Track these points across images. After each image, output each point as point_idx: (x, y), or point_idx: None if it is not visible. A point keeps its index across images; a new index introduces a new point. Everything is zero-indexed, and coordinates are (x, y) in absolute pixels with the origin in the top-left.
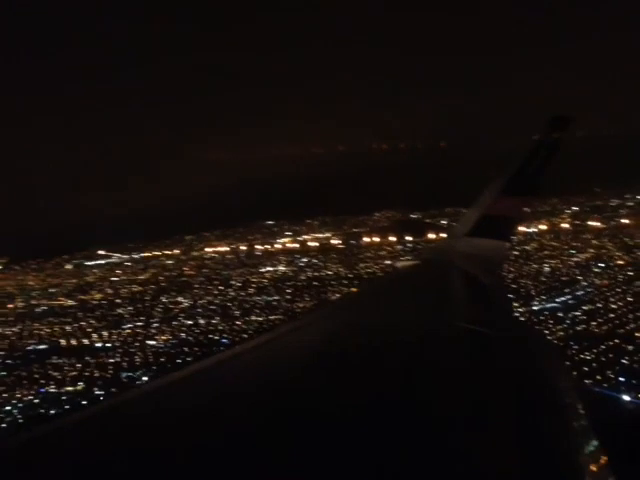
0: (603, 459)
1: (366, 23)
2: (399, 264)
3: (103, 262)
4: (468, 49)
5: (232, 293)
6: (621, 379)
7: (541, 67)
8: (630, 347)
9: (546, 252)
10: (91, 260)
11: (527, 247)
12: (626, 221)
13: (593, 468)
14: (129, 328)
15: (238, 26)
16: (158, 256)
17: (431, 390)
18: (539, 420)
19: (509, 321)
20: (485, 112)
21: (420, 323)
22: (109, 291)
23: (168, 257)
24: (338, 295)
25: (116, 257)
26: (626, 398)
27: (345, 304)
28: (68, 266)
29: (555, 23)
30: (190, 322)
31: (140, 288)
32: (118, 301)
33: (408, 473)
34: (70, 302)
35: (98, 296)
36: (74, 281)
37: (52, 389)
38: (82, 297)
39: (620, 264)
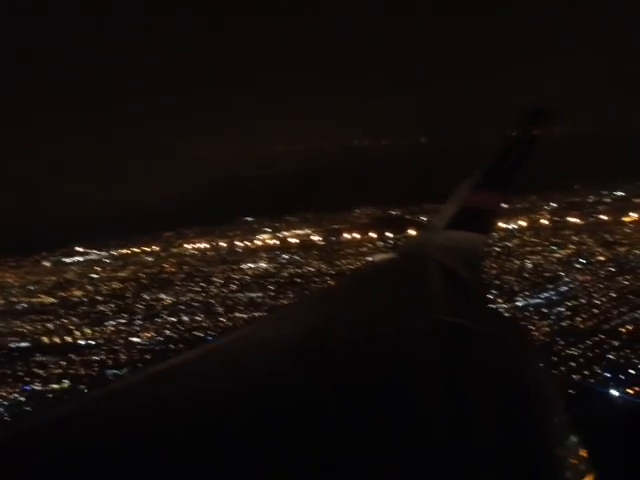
0: (583, 452)
1: (366, 23)
2: (377, 257)
3: (81, 259)
4: (468, 49)
5: (214, 290)
6: (607, 374)
7: (541, 67)
8: (616, 342)
9: (527, 248)
10: (69, 257)
11: (508, 243)
12: (605, 217)
13: (574, 462)
14: (112, 325)
15: (238, 26)
16: (137, 253)
17: (413, 384)
18: (519, 414)
19: (486, 314)
20: (484, 112)
21: (398, 316)
22: (89, 288)
23: (147, 254)
24: None
25: (94, 254)
26: (614, 393)
27: (322, 297)
28: (46, 263)
29: (555, 23)
30: (174, 319)
31: (121, 285)
32: (99, 298)
33: (389, 468)
34: (50, 299)
35: (78, 293)
36: (53, 278)
37: (37, 387)
38: (62, 294)
39: (601, 260)
